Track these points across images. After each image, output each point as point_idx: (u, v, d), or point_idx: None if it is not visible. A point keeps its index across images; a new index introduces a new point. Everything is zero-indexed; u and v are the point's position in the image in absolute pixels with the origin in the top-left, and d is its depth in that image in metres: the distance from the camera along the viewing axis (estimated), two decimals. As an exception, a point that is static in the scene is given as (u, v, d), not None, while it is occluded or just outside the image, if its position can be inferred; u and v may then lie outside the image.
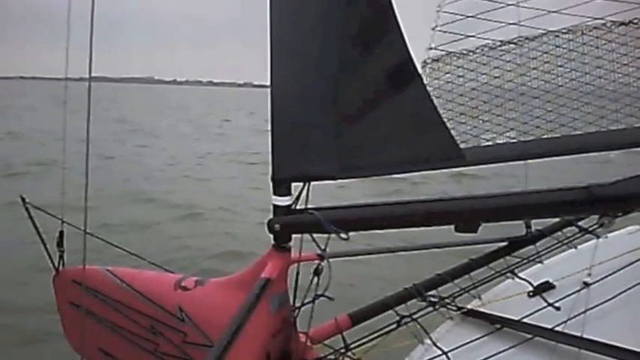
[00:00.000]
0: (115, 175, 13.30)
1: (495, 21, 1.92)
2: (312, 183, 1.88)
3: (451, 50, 2.03)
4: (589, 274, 2.35)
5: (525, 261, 2.49)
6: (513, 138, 2.00)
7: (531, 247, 2.50)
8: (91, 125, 2.14)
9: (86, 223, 2.21)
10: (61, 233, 2.30)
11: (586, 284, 2.31)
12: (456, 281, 2.39)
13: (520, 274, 2.46)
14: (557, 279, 2.40)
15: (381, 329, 2.20)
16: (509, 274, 2.47)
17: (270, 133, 1.85)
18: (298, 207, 1.91)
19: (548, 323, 2.12)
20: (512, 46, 2.02)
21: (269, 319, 1.95)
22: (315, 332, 2.19)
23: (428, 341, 2.16)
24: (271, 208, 1.92)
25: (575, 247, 2.58)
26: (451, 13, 1.91)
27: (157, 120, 33.78)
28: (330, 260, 1.95)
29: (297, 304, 2.06)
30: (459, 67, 2.05)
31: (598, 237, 2.53)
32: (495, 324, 2.22)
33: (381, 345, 2.17)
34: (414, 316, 2.22)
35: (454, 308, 2.35)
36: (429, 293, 2.33)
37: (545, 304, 2.25)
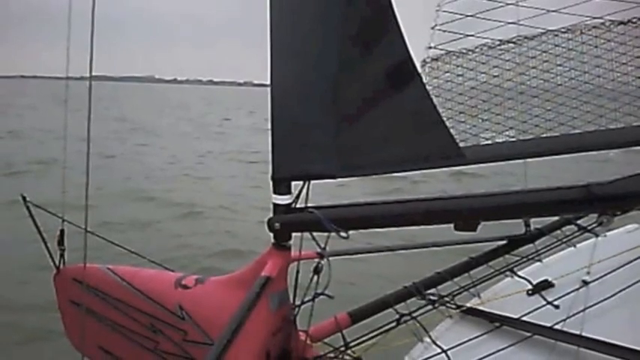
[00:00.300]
0: (115, 173, 13.32)
1: (494, 20, 1.93)
2: (312, 182, 1.89)
3: (450, 49, 2.03)
4: (588, 273, 2.35)
5: (524, 259, 2.50)
6: (512, 137, 2.01)
7: (530, 245, 2.50)
8: (92, 124, 2.15)
9: (87, 222, 2.22)
10: (62, 232, 2.31)
11: (585, 282, 2.32)
12: (455, 280, 2.40)
13: (519, 273, 2.47)
14: (556, 277, 2.41)
15: (380, 327, 2.21)
16: (508, 273, 2.47)
17: (270, 132, 1.86)
18: (298, 206, 1.92)
19: (547, 321, 2.13)
20: (512, 45, 2.02)
21: (269, 317, 1.96)
22: (315, 330, 2.19)
23: (427, 339, 2.17)
24: (271, 206, 1.93)
25: (574, 246, 2.59)
26: (450, 12, 1.92)
27: (157, 119, 33.78)
28: (330, 258, 1.95)
29: (297, 303, 2.06)
30: (458, 66, 2.05)
31: (597, 235, 2.53)
32: (494, 322, 2.23)
33: (380, 343, 2.17)
34: (414, 315, 2.22)
35: (453, 306, 2.35)
36: (429, 292, 2.33)
37: (544, 303, 2.26)
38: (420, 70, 1.91)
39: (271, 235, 1.96)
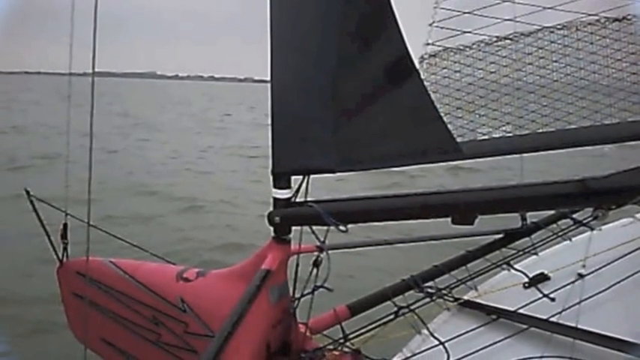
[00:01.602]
0: (118, 168, 13.33)
1: (492, 17, 1.95)
2: (312, 176, 1.92)
3: (448, 46, 2.05)
4: (583, 266, 2.38)
5: (521, 253, 2.52)
6: (509, 132, 2.03)
7: (527, 239, 2.52)
8: (95, 119, 2.17)
9: (89, 216, 2.25)
10: (65, 225, 2.34)
11: (580, 275, 2.35)
12: (452, 273, 2.42)
13: (516, 266, 2.49)
14: (552, 270, 2.43)
15: (379, 320, 2.23)
16: (505, 266, 2.50)
17: (270, 127, 1.89)
18: (298, 200, 1.95)
19: (543, 314, 2.16)
20: (508, 41, 2.05)
21: (269, 309, 1.99)
22: (314, 323, 2.22)
23: (425, 332, 2.19)
24: (271, 200, 1.95)
25: (570, 239, 2.61)
26: (448, 9, 1.94)
27: (159, 114, 33.75)
28: (329, 252, 1.98)
29: (297, 295, 2.09)
30: (455, 62, 2.07)
31: (592, 229, 2.55)
32: (491, 315, 2.26)
33: (379, 335, 2.20)
34: (412, 307, 2.25)
35: (451, 299, 2.38)
36: (427, 284, 2.36)
37: (541, 295, 2.28)
38: (418, 66, 1.94)
39: (271, 228, 1.98)
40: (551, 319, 2.12)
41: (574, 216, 2.53)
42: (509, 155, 2.01)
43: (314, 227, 1.94)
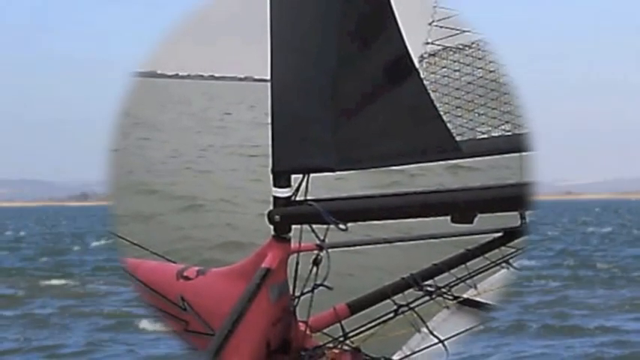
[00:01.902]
0: (117, 167, 13.30)
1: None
2: (311, 175, 1.92)
3: (448, 45, 2.05)
4: None
5: (520, 251, 2.52)
6: (508, 131, 2.04)
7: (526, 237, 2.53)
8: (95, 119, 2.17)
9: None
10: None
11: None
12: (452, 271, 2.43)
13: (515, 264, 2.49)
14: None
15: (378, 318, 2.24)
16: (504, 264, 2.50)
17: (270, 126, 1.89)
18: (298, 198, 1.96)
19: None
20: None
21: (269, 308, 1.99)
22: (314, 321, 2.22)
23: (425, 330, 2.20)
24: (271, 199, 1.96)
25: None
26: (448, 8, 1.94)
27: (159, 113, 33.72)
28: (329, 250, 1.99)
29: (297, 294, 2.10)
30: (455, 61, 2.08)
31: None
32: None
33: (378, 333, 2.21)
34: (411, 305, 2.26)
35: (450, 297, 2.39)
36: (426, 283, 2.37)
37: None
38: (417, 65, 1.95)
39: (271, 227, 1.99)
40: None
41: None
42: (509, 154, 2.01)
43: (314, 226, 1.94)
